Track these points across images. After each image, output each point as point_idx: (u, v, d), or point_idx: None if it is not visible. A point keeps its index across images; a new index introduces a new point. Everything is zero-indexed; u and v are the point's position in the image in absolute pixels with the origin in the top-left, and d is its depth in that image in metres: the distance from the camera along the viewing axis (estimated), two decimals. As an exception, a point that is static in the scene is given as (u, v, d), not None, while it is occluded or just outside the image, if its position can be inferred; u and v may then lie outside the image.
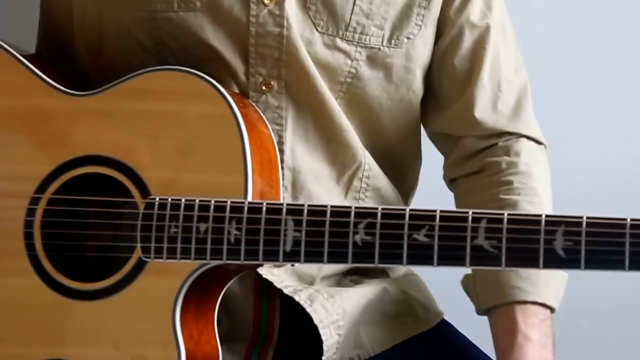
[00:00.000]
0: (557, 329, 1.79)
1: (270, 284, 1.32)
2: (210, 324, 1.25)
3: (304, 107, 1.32)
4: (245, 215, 1.17)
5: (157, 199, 1.20)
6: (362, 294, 1.35)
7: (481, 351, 1.39)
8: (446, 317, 1.47)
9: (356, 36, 1.33)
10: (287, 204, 1.16)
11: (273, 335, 1.34)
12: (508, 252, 1.08)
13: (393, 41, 1.35)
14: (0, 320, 1.25)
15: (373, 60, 1.35)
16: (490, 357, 1.36)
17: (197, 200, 1.19)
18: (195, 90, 1.22)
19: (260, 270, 1.31)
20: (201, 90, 1.22)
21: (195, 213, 1.18)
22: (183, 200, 1.19)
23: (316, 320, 1.29)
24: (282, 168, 1.30)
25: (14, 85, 1.29)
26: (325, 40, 1.32)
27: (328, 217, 1.15)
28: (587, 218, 1.07)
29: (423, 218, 1.11)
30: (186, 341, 1.19)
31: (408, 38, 1.36)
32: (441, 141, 1.45)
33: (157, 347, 1.19)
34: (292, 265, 1.23)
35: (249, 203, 1.17)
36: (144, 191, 1.22)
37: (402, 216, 1.12)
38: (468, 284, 1.37)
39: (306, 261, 1.15)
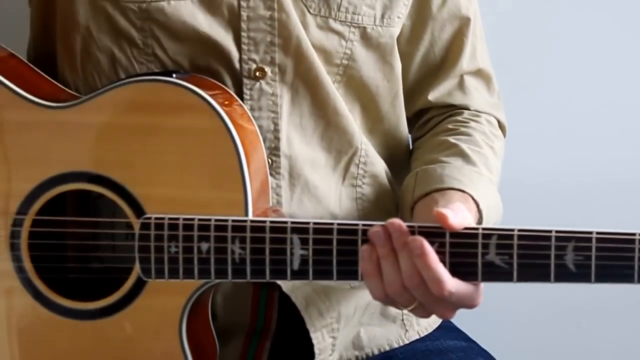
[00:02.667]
0: (557, 329, 1.85)
1: None
2: (207, 323, 1.25)
3: (299, 92, 1.29)
4: (248, 234, 1.15)
5: (153, 217, 1.17)
6: (361, 296, 1.36)
7: (482, 348, 1.42)
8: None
9: (349, 16, 1.30)
10: (292, 222, 1.15)
11: (270, 328, 1.34)
12: (519, 268, 1.11)
13: (385, 20, 1.33)
14: None
15: (367, 40, 1.32)
16: (493, 356, 1.40)
17: (197, 219, 1.16)
18: (185, 103, 1.17)
19: None
20: (190, 103, 1.17)
21: (196, 233, 1.16)
22: (181, 219, 1.16)
23: (308, 325, 1.30)
24: (279, 156, 1.29)
25: None
26: (318, 22, 1.29)
27: (335, 235, 1.14)
28: (597, 233, 1.09)
29: (433, 235, 1.12)
30: (192, 353, 1.20)
31: (398, 17, 1.34)
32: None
33: None
34: None
35: (252, 221, 1.15)
36: (137, 209, 1.18)
37: (412, 233, 1.12)
38: (407, 186, 1.36)
39: (314, 279, 1.15)
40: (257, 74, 1.27)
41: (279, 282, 1.31)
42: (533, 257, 1.10)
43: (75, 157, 1.20)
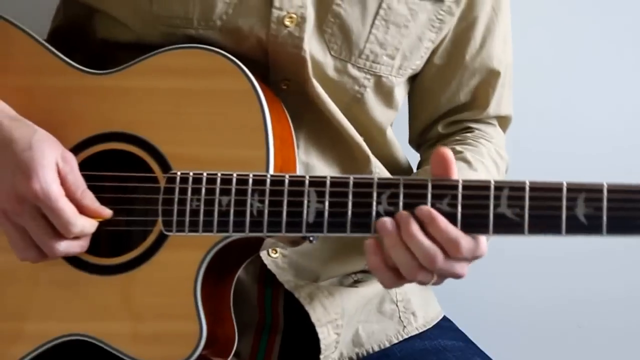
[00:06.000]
0: (557, 329, 1.84)
1: (274, 274, 1.34)
2: (227, 304, 1.26)
3: (316, 113, 1.33)
4: (267, 187, 1.18)
5: (179, 173, 1.21)
6: (364, 294, 1.38)
7: (479, 348, 1.41)
8: (446, 315, 1.49)
9: (367, 64, 1.34)
10: (310, 176, 1.17)
11: (279, 323, 1.36)
12: (530, 219, 1.10)
13: (401, 71, 1.38)
14: (17, 296, 1.26)
15: (380, 87, 1.37)
16: (490, 357, 1.38)
17: (219, 174, 1.20)
18: (217, 68, 1.23)
19: (265, 261, 1.33)
20: (222, 68, 1.23)
21: (218, 186, 1.19)
22: (205, 174, 1.20)
23: (313, 319, 1.32)
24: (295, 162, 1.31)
25: (32, 65, 1.30)
26: (336, 65, 1.33)
27: (351, 188, 1.16)
28: (608, 184, 1.09)
29: (446, 187, 1.13)
30: (207, 315, 1.20)
31: (412, 69, 1.39)
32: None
33: (179, 320, 1.20)
34: (311, 241, 1.25)
35: (272, 176, 1.19)
36: (165, 166, 1.23)
37: (425, 186, 1.14)
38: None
39: (329, 232, 1.16)
40: (283, 86, 1.31)
41: (282, 281, 1.33)
42: (544, 208, 1.10)
43: (112, 118, 1.26)
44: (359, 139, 1.37)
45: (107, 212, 1.23)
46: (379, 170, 1.41)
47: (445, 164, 1.12)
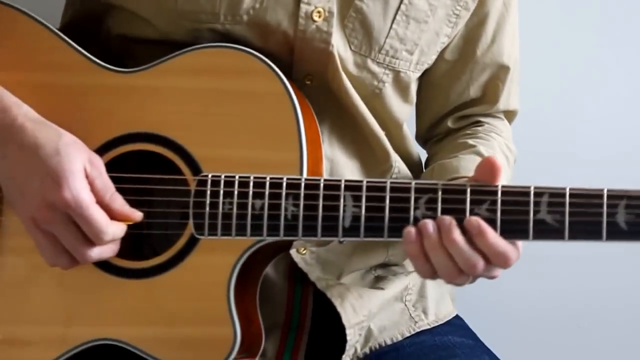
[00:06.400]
0: (557, 329, 1.85)
1: (303, 272, 1.34)
2: (254, 303, 1.25)
3: (339, 107, 1.33)
4: (302, 191, 1.17)
5: (210, 175, 1.20)
6: (387, 297, 1.38)
7: (487, 348, 1.41)
8: (459, 314, 1.50)
9: (387, 59, 1.34)
10: (346, 180, 1.17)
11: (306, 321, 1.36)
12: (571, 226, 1.11)
13: (418, 66, 1.38)
14: (44, 300, 1.24)
15: (398, 82, 1.37)
16: (498, 357, 1.39)
17: (252, 177, 1.18)
18: (248, 68, 1.21)
19: (295, 259, 1.33)
20: (254, 68, 1.21)
21: (251, 190, 1.18)
22: (237, 176, 1.19)
23: (344, 320, 1.31)
24: None
25: (59, 62, 1.27)
26: (356, 60, 1.32)
27: (388, 193, 1.15)
28: (649, 191, 1.10)
29: (485, 193, 1.13)
30: (239, 318, 1.20)
31: (428, 64, 1.39)
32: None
33: (212, 325, 1.19)
34: (341, 242, 1.24)
35: (306, 179, 1.17)
36: (195, 168, 1.21)
37: (464, 191, 1.13)
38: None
39: (366, 236, 1.16)
40: (307, 81, 1.30)
41: (313, 279, 1.33)
42: (584, 214, 1.10)
43: (138, 118, 1.24)
44: (381, 133, 1.37)
45: (138, 215, 1.21)
46: (399, 165, 1.41)
47: (493, 173, 1.12)
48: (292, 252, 1.32)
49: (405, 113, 1.42)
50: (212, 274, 1.20)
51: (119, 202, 1.20)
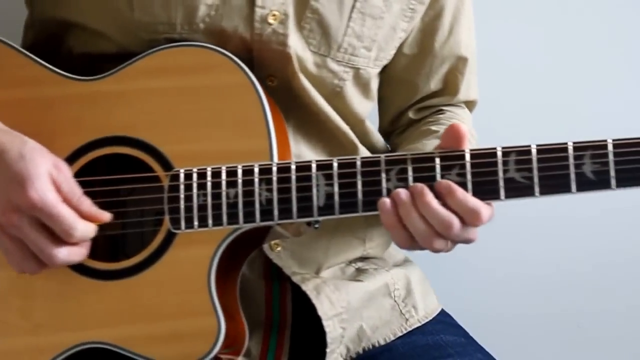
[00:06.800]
0: (557, 329, 1.85)
1: (279, 268, 1.35)
2: (235, 300, 1.26)
3: (302, 106, 1.34)
4: (274, 175, 1.18)
5: (182, 170, 1.21)
6: (367, 289, 1.39)
7: (479, 345, 1.42)
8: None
9: (346, 57, 1.36)
10: (317, 160, 1.18)
11: (287, 318, 1.36)
12: (540, 181, 1.13)
13: (377, 62, 1.40)
14: (26, 311, 1.24)
15: (358, 79, 1.39)
16: (489, 352, 1.40)
17: (224, 167, 1.20)
18: (210, 63, 1.23)
19: (269, 255, 1.34)
20: (216, 62, 1.23)
21: (224, 179, 1.19)
22: (209, 168, 1.20)
23: (320, 312, 1.32)
24: None
25: (24, 77, 1.29)
26: (316, 60, 1.34)
27: (359, 169, 1.17)
28: (613, 140, 1.12)
29: (453, 158, 1.15)
30: (223, 310, 1.20)
31: (387, 59, 1.42)
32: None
33: (196, 317, 1.19)
34: (316, 228, 1.26)
35: (277, 164, 1.19)
36: (167, 166, 1.22)
37: (433, 159, 1.15)
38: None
39: (341, 213, 1.17)
40: (269, 82, 1.32)
41: (289, 273, 1.34)
42: (552, 169, 1.13)
43: (106, 123, 1.25)
44: (345, 128, 1.38)
45: (106, 216, 1.22)
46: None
47: (459, 138, 1.14)
48: (265, 248, 1.33)
49: (366, 109, 1.44)
50: (191, 266, 1.20)
51: (87, 204, 1.20)
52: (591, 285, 1.83)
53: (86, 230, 1.19)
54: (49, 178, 1.19)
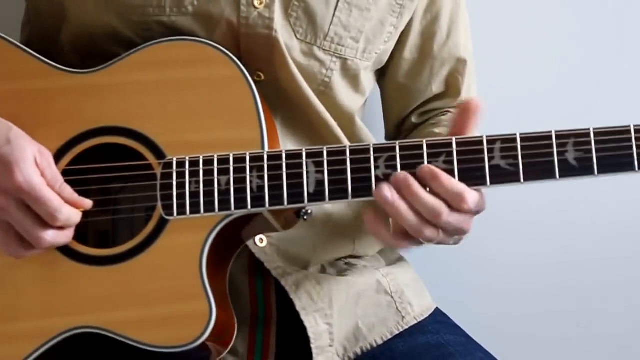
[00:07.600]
0: (557, 329, 1.86)
1: (263, 263, 1.37)
2: (225, 291, 1.28)
3: (290, 101, 1.37)
4: (265, 163, 1.21)
5: (175, 158, 1.24)
6: (353, 283, 1.41)
7: (479, 344, 1.44)
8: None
9: (333, 46, 1.39)
10: (306, 149, 1.21)
11: (272, 313, 1.38)
12: (525, 168, 1.16)
13: (365, 55, 1.42)
14: (18, 296, 1.25)
15: (346, 70, 1.41)
16: (491, 353, 1.42)
17: (216, 155, 1.22)
18: (203, 56, 1.27)
19: (253, 249, 1.36)
20: (208, 56, 1.26)
21: (215, 167, 1.22)
22: (201, 157, 1.23)
23: (298, 307, 1.34)
24: None
25: (19, 70, 1.31)
26: (303, 48, 1.37)
27: (348, 156, 1.20)
28: (594, 129, 1.16)
29: (440, 146, 1.18)
30: (214, 294, 1.22)
31: (376, 53, 1.44)
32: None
33: (187, 301, 1.21)
34: (305, 219, 1.28)
35: (268, 152, 1.22)
36: (159, 155, 1.25)
37: (420, 147, 1.19)
38: None
39: (331, 199, 1.20)
40: (255, 77, 1.34)
41: (270, 268, 1.36)
42: (536, 155, 1.16)
43: (100, 114, 1.28)
44: (334, 124, 1.41)
45: (87, 203, 1.24)
46: None
47: (469, 112, 1.18)
48: (250, 244, 1.35)
49: (356, 103, 1.46)
50: (183, 252, 1.22)
51: (68, 191, 1.23)
52: (591, 285, 1.84)
53: (71, 214, 1.22)
54: (34, 162, 1.21)
